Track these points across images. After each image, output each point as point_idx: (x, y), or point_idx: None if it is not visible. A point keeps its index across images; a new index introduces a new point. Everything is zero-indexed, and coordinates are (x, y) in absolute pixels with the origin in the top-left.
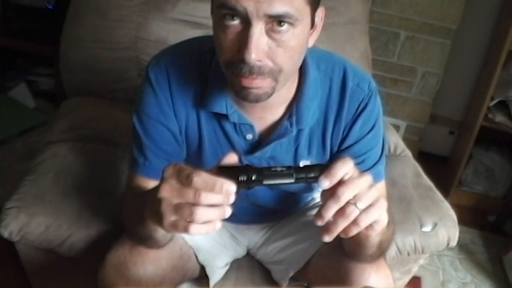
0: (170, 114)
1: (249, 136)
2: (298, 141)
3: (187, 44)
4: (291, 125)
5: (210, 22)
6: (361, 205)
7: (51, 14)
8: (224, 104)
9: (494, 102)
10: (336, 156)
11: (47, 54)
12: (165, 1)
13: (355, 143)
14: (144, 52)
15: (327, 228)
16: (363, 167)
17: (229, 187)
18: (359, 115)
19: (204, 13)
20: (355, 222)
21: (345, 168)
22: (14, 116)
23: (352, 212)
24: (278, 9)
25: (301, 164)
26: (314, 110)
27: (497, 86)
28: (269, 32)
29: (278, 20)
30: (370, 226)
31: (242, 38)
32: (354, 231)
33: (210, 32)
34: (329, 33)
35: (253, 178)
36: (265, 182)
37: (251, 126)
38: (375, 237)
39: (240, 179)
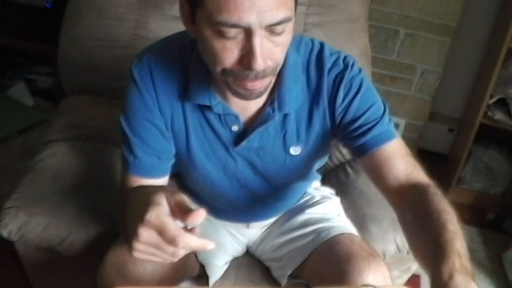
0: (155, 110)
1: (235, 127)
2: (285, 128)
3: (168, 39)
4: (273, 111)
5: None
6: None
7: (49, 13)
8: (207, 96)
9: (493, 100)
10: (337, 134)
11: (46, 53)
12: None
13: (346, 110)
14: None
15: None
16: (366, 128)
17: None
18: (338, 87)
19: None
20: None
21: None
22: (12, 115)
23: None
24: (279, 16)
25: (291, 151)
26: (297, 94)
27: (497, 83)
28: (268, 36)
29: (277, 25)
30: None
31: (245, 47)
32: None
33: None
34: (328, 31)
35: None
36: None
37: (236, 117)
38: None
39: None
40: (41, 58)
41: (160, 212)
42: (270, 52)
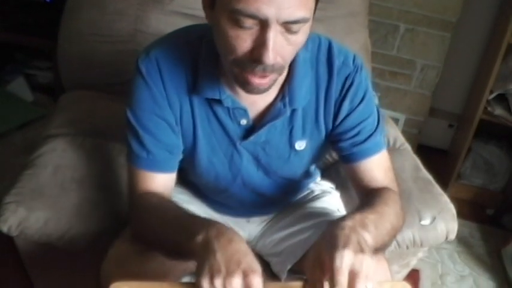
0: (165, 105)
1: (243, 121)
2: (292, 123)
3: (174, 34)
4: (285, 106)
5: None
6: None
7: (49, 7)
8: (217, 90)
9: (493, 95)
10: (332, 135)
11: (45, 48)
12: None
13: (347, 116)
14: (143, 45)
15: None
16: (360, 139)
17: None
18: (347, 91)
19: None
20: None
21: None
22: (12, 110)
23: None
24: (297, 15)
25: (296, 146)
26: (306, 90)
27: (497, 79)
28: (283, 33)
29: (293, 23)
30: None
31: (258, 39)
32: None
33: None
34: (328, 26)
35: None
36: None
37: (245, 111)
38: None
39: None
40: (41, 53)
41: (259, 282)
42: (282, 49)
